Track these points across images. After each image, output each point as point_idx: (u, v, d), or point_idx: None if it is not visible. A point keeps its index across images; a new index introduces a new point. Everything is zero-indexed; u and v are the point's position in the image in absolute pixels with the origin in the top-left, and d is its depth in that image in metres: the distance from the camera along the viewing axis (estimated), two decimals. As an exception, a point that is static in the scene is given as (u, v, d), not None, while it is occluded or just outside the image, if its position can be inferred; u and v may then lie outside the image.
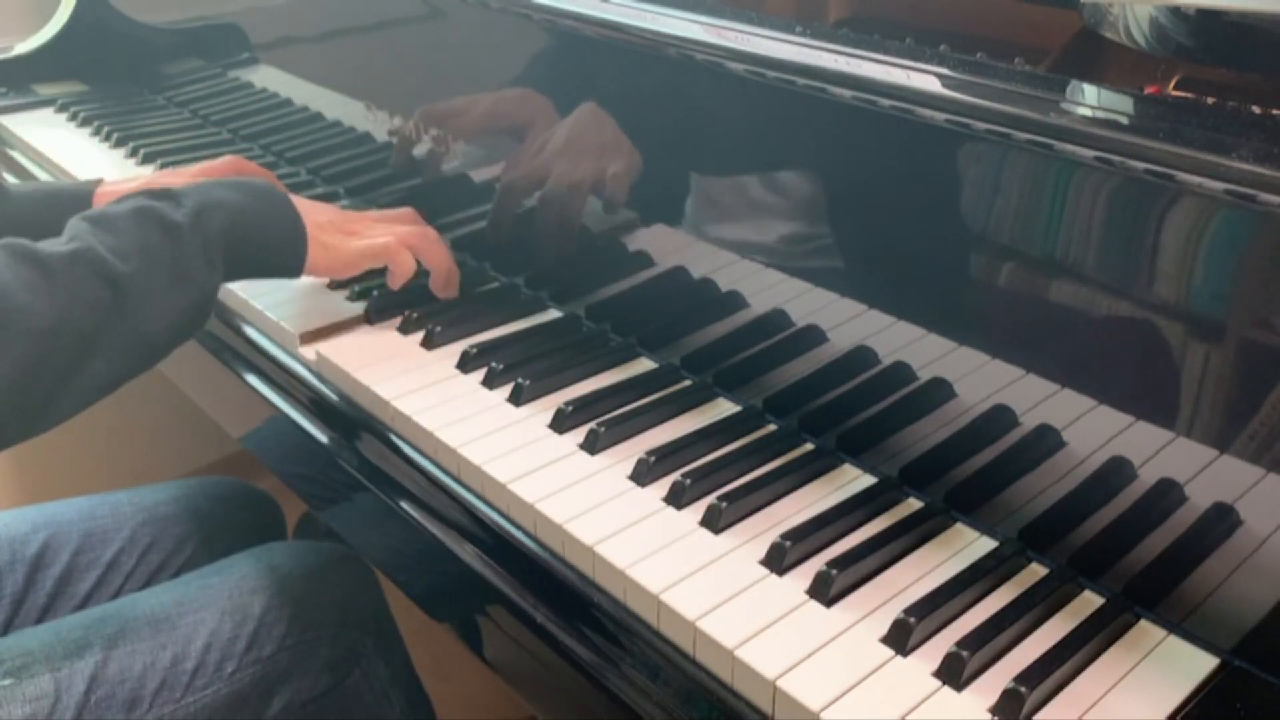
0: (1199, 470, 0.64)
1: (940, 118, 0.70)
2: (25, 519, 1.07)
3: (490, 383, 0.91)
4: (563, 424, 0.85)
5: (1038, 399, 0.71)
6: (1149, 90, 0.65)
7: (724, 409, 0.88)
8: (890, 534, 0.74)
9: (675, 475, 0.79)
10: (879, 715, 0.61)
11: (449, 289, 1.02)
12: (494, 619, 0.78)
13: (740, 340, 0.88)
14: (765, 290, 0.86)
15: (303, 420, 0.96)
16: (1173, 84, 0.66)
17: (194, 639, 0.93)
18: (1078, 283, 0.67)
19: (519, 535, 0.78)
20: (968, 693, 0.63)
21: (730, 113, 0.85)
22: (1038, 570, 0.72)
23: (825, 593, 0.69)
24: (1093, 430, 0.68)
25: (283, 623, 0.97)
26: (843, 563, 0.70)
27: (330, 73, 1.26)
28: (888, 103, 0.72)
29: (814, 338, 0.83)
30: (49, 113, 1.57)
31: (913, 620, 0.66)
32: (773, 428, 0.86)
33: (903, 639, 0.65)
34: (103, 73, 1.65)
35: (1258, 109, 0.61)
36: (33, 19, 1.67)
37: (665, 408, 0.88)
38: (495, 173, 1.06)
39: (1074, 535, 0.71)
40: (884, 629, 0.66)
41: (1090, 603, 0.69)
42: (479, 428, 0.85)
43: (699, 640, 0.67)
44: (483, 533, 0.80)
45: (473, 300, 1.05)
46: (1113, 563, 0.69)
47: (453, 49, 1.09)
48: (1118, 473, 0.68)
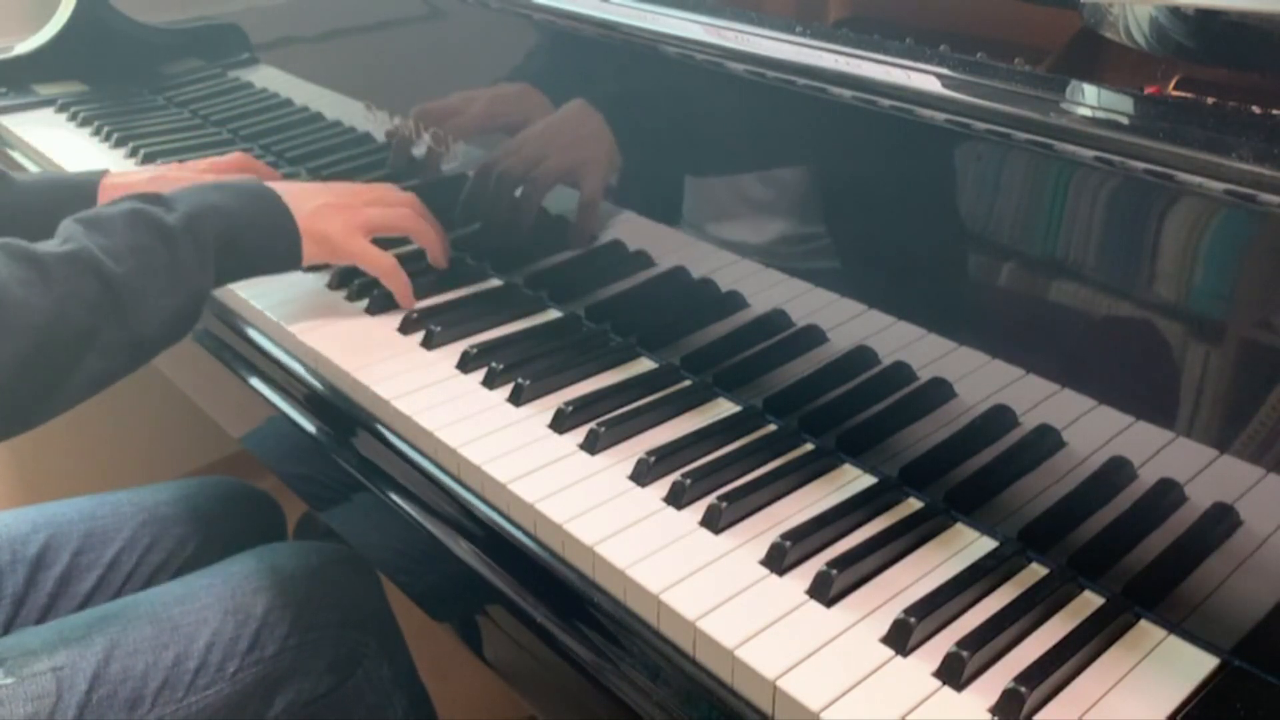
0: (1199, 470, 0.64)
1: (940, 118, 0.70)
2: (26, 519, 1.07)
3: (490, 383, 0.91)
4: (563, 424, 0.85)
5: (1038, 399, 0.71)
6: (1149, 90, 0.65)
7: (724, 409, 0.88)
8: (890, 534, 0.74)
9: (675, 475, 0.79)
10: (879, 715, 0.61)
11: (443, 258, 1.06)
12: (494, 619, 0.78)
13: (740, 340, 0.88)
14: (765, 290, 0.86)
15: (302, 420, 0.96)
16: (1173, 84, 0.66)
17: (196, 638, 0.93)
18: (1078, 283, 0.67)
19: (519, 535, 0.78)
20: (968, 693, 0.63)
21: (730, 113, 0.85)
22: (1038, 570, 0.72)
23: (825, 593, 0.69)
24: (1093, 430, 0.68)
25: (285, 623, 0.97)
26: (843, 563, 0.70)
27: (330, 73, 1.26)
28: (888, 103, 0.72)
29: (814, 338, 0.83)
30: (49, 113, 1.57)
31: (913, 620, 0.66)
32: (773, 428, 0.86)
33: (903, 639, 0.65)
34: (103, 73, 1.65)
35: (1258, 109, 0.61)
36: (33, 19, 1.67)
37: (665, 408, 0.88)
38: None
39: (1074, 535, 0.71)
40: (884, 629, 0.66)
41: (1090, 603, 0.69)
42: (479, 427, 0.85)
43: (699, 640, 0.67)
44: (482, 532, 0.80)
45: (473, 300, 1.05)
46: (1113, 563, 0.69)
47: (452, 49, 1.09)
48: (1118, 473, 0.68)
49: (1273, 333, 0.59)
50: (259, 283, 1.06)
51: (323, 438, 0.93)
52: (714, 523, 0.75)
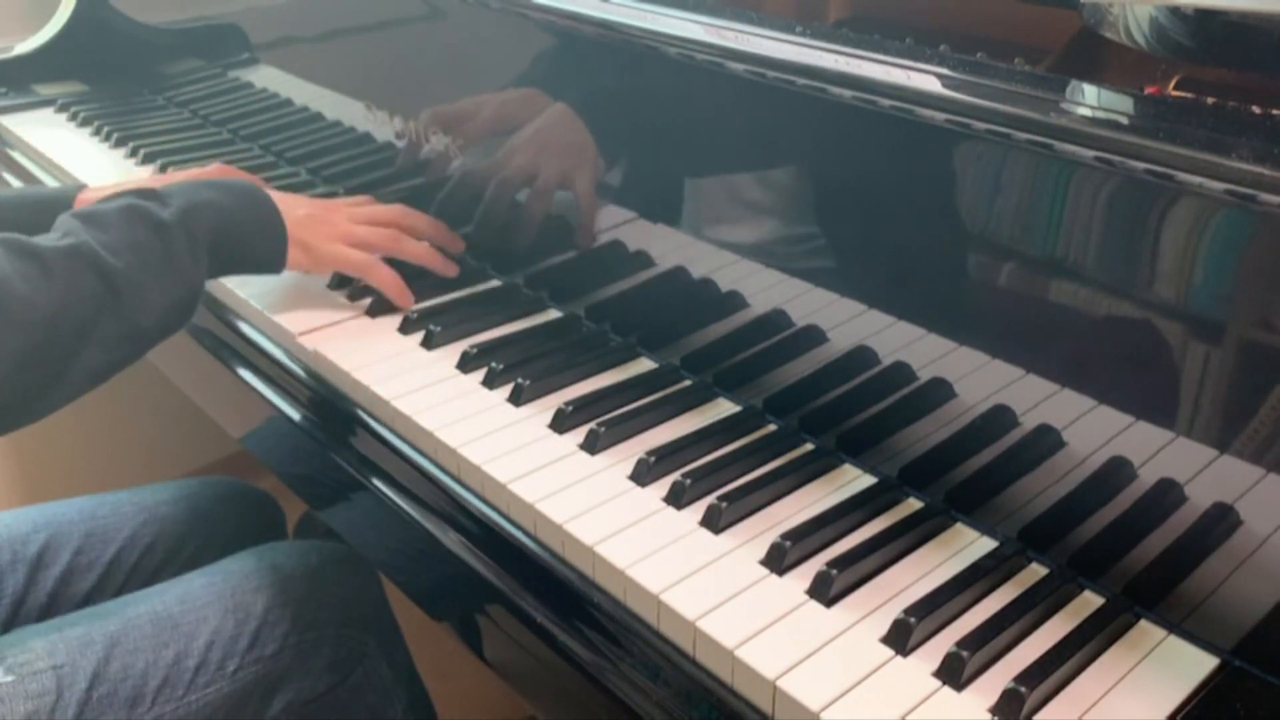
0: (1199, 470, 0.64)
1: (940, 118, 0.70)
2: (26, 519, 1.07)
3: (490, 383, 0.91)
4: (563, 424, 0.85)
5: (1038, 399, 0.71)
6: (1149, 90, 0.65)
7: (724, 409, 0.88)
8: (890, 534, 0.74)
9: (675, 475, 0.79)
10: (879, 715, 0.61)
11: (447, 269, 1.06)
12: (494, 619, 0.78)
13: (740, 340, 0.88)
14: (765, 290, 0.86)
15: (302, 420, 0.96)
16: (1173, 84, 0.65)
17: (196, 637, 0.93)
18: (1078, 283, 0.67)
19: (519, 535, 0.78)
20: (968, 693, 0.63)
21: (730, 113, 0.85)
22: (1038, 570, 0.72)
23: (825, 593, 0.69)
24: (1093, 430, 0.68)
25: (285, 621, 0.97)
26: (843, 563, 0.70)
27: (330, 73, 1.26)
28: (888, 103, 0.72)
29: (814, 338, 0.83)
30: (49, 113, 1.57)
31: (913, 620, 0.66)
32: (773, 428, 0.86)
33: (903, 639, 0.66)
34: (103, 73, 1.65)
35: (1258, 109, 0.60)
36: (33, 19, 1.67)
37: (665, 408, 0.88)
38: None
39: (1074, 535, 0.71)
40: (884, 629, 0.66)
41: (1090, 603, 0.69)
42: (479, 427, 0.85)
43: (699, 640, 0.67)
44: (482, 532, 0.80)
45: (473, 300, 1.05)
46: (1113, 563, 0.69)
47: (452, 49, 1.09)
48: (1118, 473, 0.68)
49: (1273, 333, 0.59)
50: (259, 283, 1.06)
51: (322, 437, 0.93)
52: (714, 523, 0.75)
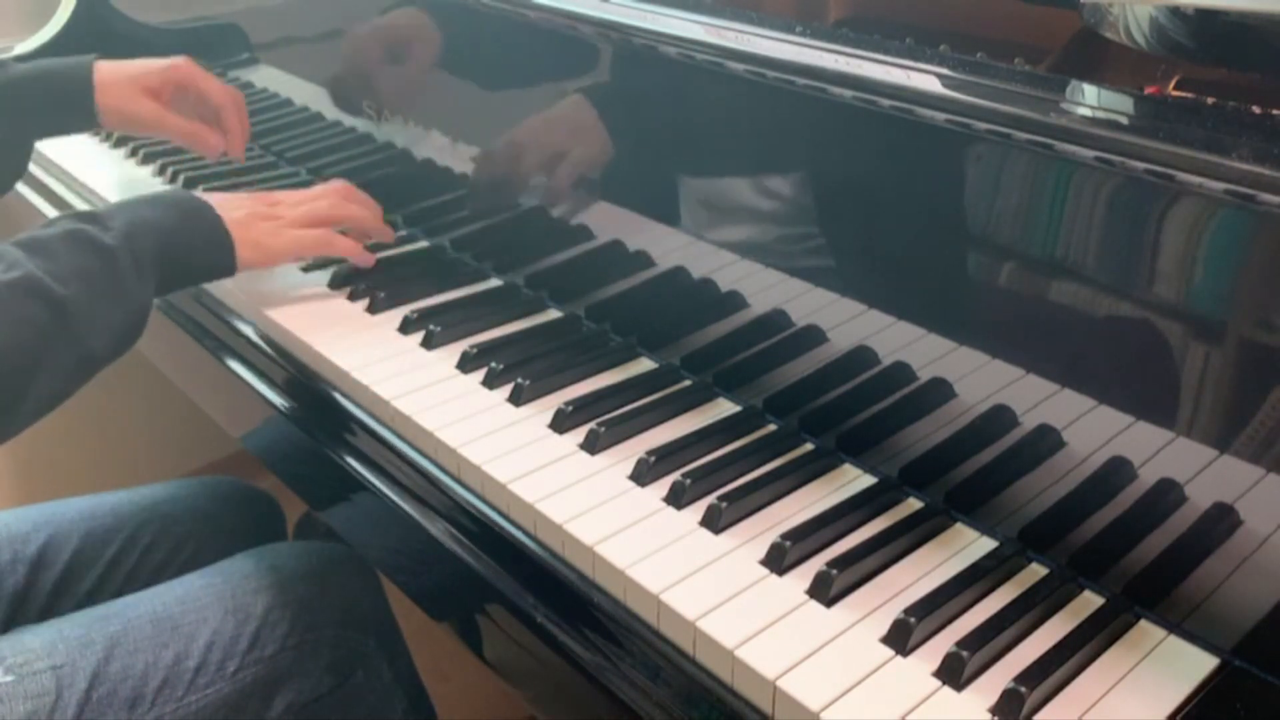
0: (1199, 470, 0.64)
1: (940, 118, 0.70)
2: (26, 518, 1.07)
3: (490, 383, 0.91)
4: (563, 424, 0.85)
5: (1038, 399, 0.71)
6: (1149, 90, 0.65)
7: (724, 409, 0.88)
8: (890, 534, 0.74)
9: (675, 475, 0.79)
10: (879, 715, 0.61)
11: (383, 235, 1.09)
12: (494, 619, 0.78)
13: (740, 340, 0.88)
14: (765, 290, 0.86)
15: (302, 420, 0.96)
16: (1173, 84, 0.65)
17: (196, 638, 0.93)
18: (1078, 283, 0.67)
19: (519, 535, 0.78)
20: (968, 693, 0.63)
21: (729, 113, 0.85)
22: (1038, 570, 0.72)
23: (825, 593, 0.69)
24: (1093, 430, 0.68)
25: (285, 622, 0.97)
26: (843, 563, 0.70)
27: (330, 73, 1.26)
28: (888, 103, 0.72)
29: (814, 338, 0.83)
30: (49, 113, 1.57)
31: (913, 620, 0.66)
32: (773, 428, 0.86)
33: (903, 639, 0.66)
34: (103, 72, 1.64)
35: (1258, 109, 0.61)
36: (33, 19, 1.66)
37: (665, 408, 0.88)
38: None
39: (1074, 535, 0.71)
40: (884, 629, 0.66)
41: (1090, 603, 0.69)
42: (479, 427, 0.85)
43: (699, 640, 0.67)
44: (482, 532, 0.80)
45: (473, 300, 1.05)
46: (1113, 563, 0.69)
47: (452, 49, 1.09)
48: (1118, 473, 0.68)
49: (1273, 333, 0.59)
50: (258, 282, 1.06)
51: (322, 437, 0.93)
52: (714, 523, 0.75)
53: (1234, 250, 0.60)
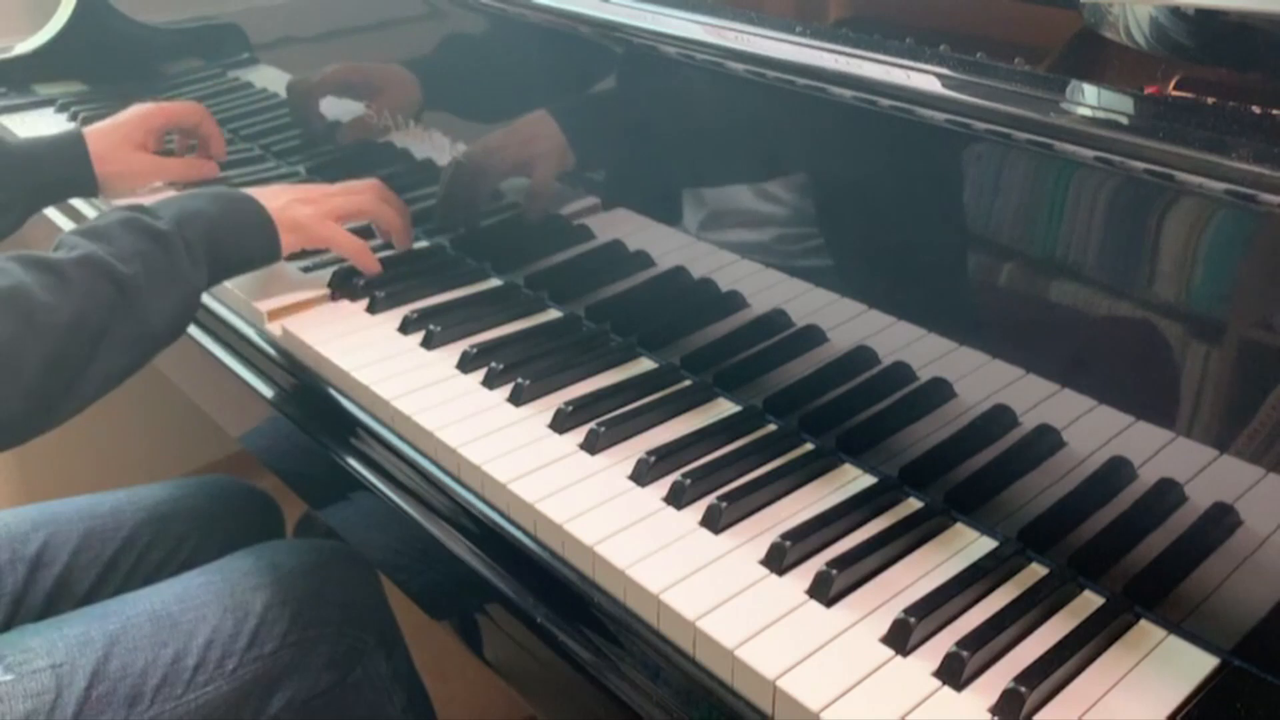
0: (1199, 470, 0.64)
1: (940, 118, 0.70)
2: (25, 518, 1.07)
3: (490, 383, 0.91)
4: (563, 424, 0.85)
5: (1038, 399, 0.71)
6: (1149, 90, 0.65)
7: (724, 409, 0.88)
8: (890, 534, 0.74)
9: (675, 475, 0.79)
10: (879, 715, 0.61)
11: (405, 242, 1.12)
12: (494, 618, 0.78)
13: (740, 340, 0.88)
14: (765, 290, 0.86)
15: (301, 419, 0.96)
16: (1173, 84, 0.66)
17: (195, 635, 0.93)
18: (1078, 283, 0.67)
19: (519, 535, 0.78)
20: (968, 693, 0.63)
21: (729, 113, 0.85)
22: (1038, 570, 0.72)
23: (825, 593, 0.69)
24: (1093, 430, 0.68)
25: (284, 620, 0.97)
26: (843, 563, 0.70)
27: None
28: (888, 103, 0.72)
29: (814, 338, 0.83)
30: (49, 113, 1.57)
31: (913, 620, 0.66)
32: (773, 428, 0.86)
33: (903, 639, 0.65)
34: (103, 73, 1.65)
35: (1258, 109, 0.61)
36: (33, 19, 1.67)
37: (665, 408, 0.88)
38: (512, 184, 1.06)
39: (1074, 535, 0.71)
40: (884, 629, 0.66)
41: (1090, 603, 0.69)
42: (479, 427, 0.85)
43: (699, 640, 0.67)
44: (482, 532, 0.80)
45: (473, 300, 1.05)
46: (1113, 563, 0.69)
47: (452, 49, 1.09)
48: (1118, 473, 0.68)
49: (1273, 333, 0.59)
50: (258, 282, 1.06)
51: (322, 437, 0.93)
52: (714, 523, 0.75)
53: (1234, 250, 0.60)
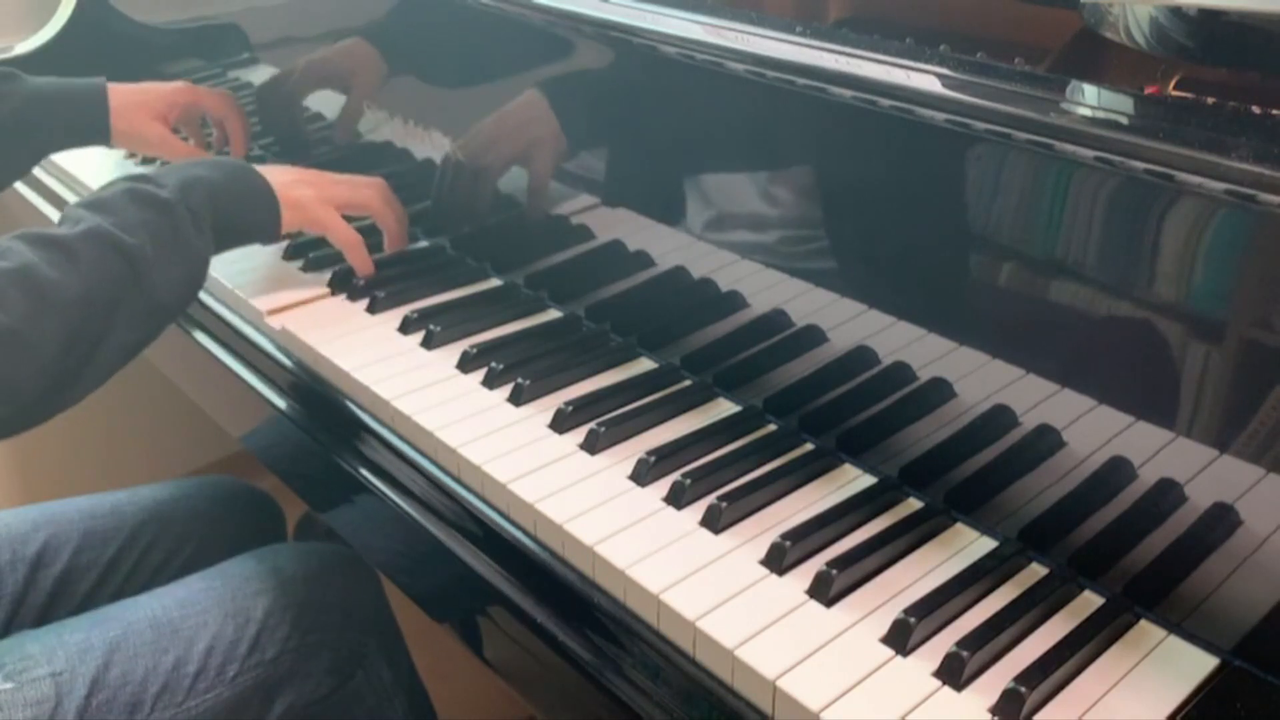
0: (1199, 470, 0.64)
1: (940, 118, 0.70)
2: (26, 518, 1.07)
3: (490, 383, 0.91)
4: (563, 424, 0.85)
5: (1038, 399, 0.71)
6: (1149, 90, 0.65)
7: (724, 409, 0.88)
8: (890, 534, 0.74)
9: (675, 475, 0.79)
10: (879, 715, 0.61)
11: (398, 243, 1.11)
12: (494, 619, 0.78)
13: (740, 340, 0.88)
14: (765, 290, 0.86)
15: (302, 420, 0.96)
16: (1173, 84, 0.66)
17: (196, 642, 0.93)
18: (1078, 283, 0.67)
19: (519, 535, 0.78)
20: (968, 693, 0.63)
21: (730, 113, 0.84)
22: (1038, 570, 0.72)
23: (825, 593, 0.69)
24: (1093, 430, 0.68)
25: (285, 625, 0.96)
26: (843, 563, 0.70)
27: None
28: (888, 103, 0.72)
29: (814, 338, 0.83)
30: (49, 113, 1.56)
31: (913, 620, 0.66)
32: (773, 428, 0.86)
33: (903, 639, 0.65)
34: (102, 73, 1.63)
35: (1258, 109, 0.61)
36: (33, 19, 1.66)
37: (665, 408, 0.88)
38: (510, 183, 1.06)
39: (1074, 535, 0.71)
40: (884, 629, 0.66)
41: (1090, 603, 0.69)
42: (479, 427, 0.85)
43: (699, 640, 0.67)
44: (482, 533, 0.80)
45: (473, 300, 1.05)
46: (1113, 563, 0.69)
47: (452, 49, 1.09)
48: (1118, 473, 0.68)
49: (1273, 333, 0.59)
50: (259, 282, 1.06)
51: (322, 438, 0.93)
52: (714, 523, 0.75)
53: (1234, 250, 0.60)
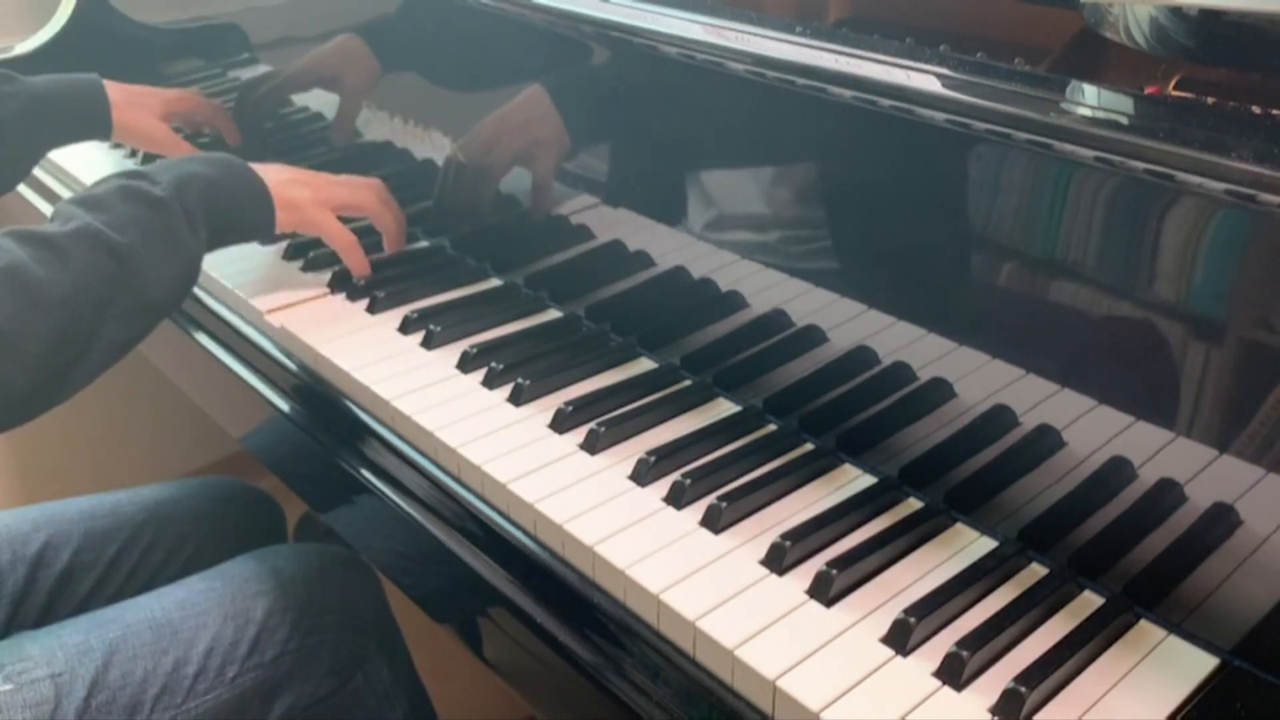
0: (1199, 470, 0.64)
1: (940, 118, 0.70)
2: (26, 518, 1.07)
3: (490, 383, 0.91)
4: (563, 424, 0.85)
5: (1038, 399, 0.71)
6: (1149, 90, 0.65)
7: (724, 409, 0.88)
8: (890, 534, 0.74)
9: (675, 475, 0.79)
10: (879, 715, 0.61)
11: (396, 244, 1.10)
12: (494, 619, 0.78)
13: (740, 340, 0.88)
14: (765, 290, 0.86)
15: (302, 420, 0.96)
16: (1173, 84, 0.66)
17: (195, 643, 0.93)
18: (1078, 283, 0.67)
19: (519, 535, 0.78)
20: (968, 693, 0.63)
21: (730, 113, 0.85)
22: (1038, 570, 0.72)
23: (825, 593, 0.69)
24: (1093, 430, 0.68)
25: (285, 626, 0.96)
26: (843, 563, 0.70)
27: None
28: (888, 103, 0.72)
29: (814, 338, 0.83)
30: (49, 113, 1.57)
31: (913, 620, 0.66)
32: (773, 428, 0.86)
33: (903, 639, 0.65)
34: (103, 73, 1.64)
35: (1258, 109, 0.61)
36: (33, 19, 1.66)
37: (665, 408, 0.88)
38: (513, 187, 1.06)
39: (1074, 535, 0.71)
40: (884, 629, 0.66)
41: (1090, 603, 0.69)
42: (479, 428, 0.85)
43: (699, 640, 0.67)
44: (483, 533, 0.80)
45: (473, 300, 1.05)
46: (1113, 563, 0.69)
47: (452, 49, 1.09)
48: (1118, 473, 0.68)
49: (1273, 333, 0.59)
50: (258, 282, 1.06)
51: (322, 438, 0.93)
52: (714, 523, 0.75)
53: (1234, 250, 0.60)
